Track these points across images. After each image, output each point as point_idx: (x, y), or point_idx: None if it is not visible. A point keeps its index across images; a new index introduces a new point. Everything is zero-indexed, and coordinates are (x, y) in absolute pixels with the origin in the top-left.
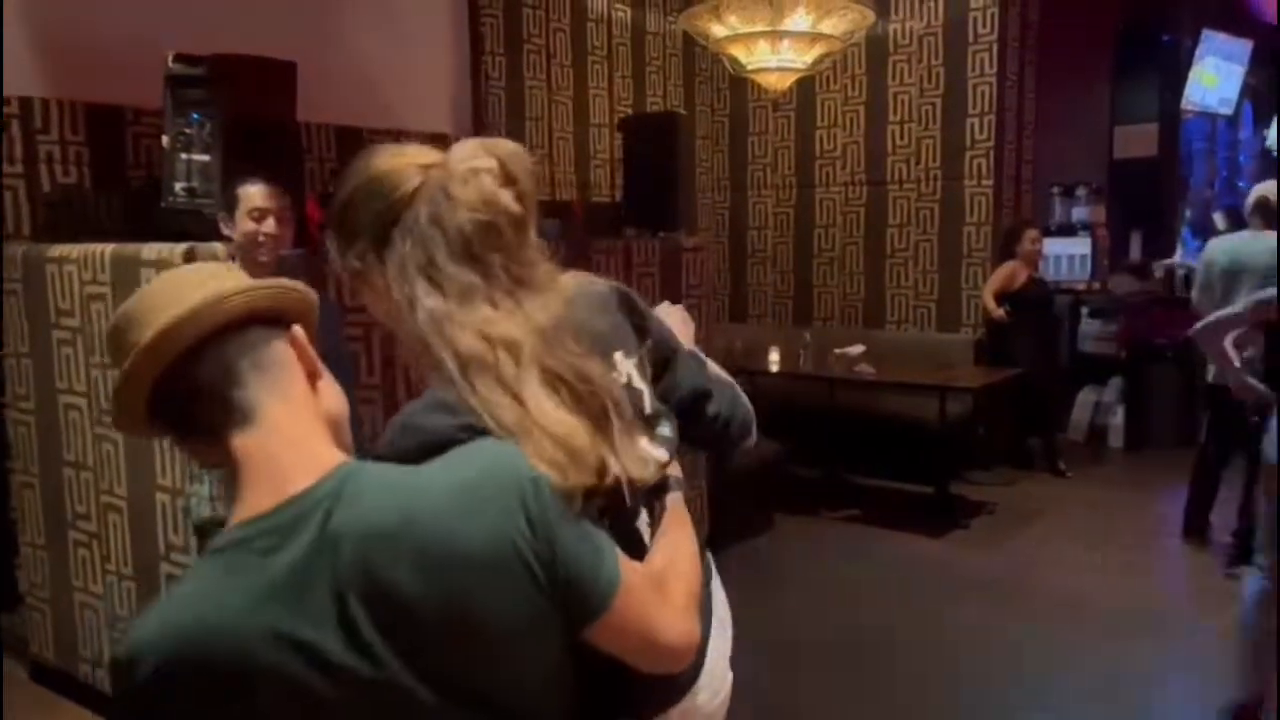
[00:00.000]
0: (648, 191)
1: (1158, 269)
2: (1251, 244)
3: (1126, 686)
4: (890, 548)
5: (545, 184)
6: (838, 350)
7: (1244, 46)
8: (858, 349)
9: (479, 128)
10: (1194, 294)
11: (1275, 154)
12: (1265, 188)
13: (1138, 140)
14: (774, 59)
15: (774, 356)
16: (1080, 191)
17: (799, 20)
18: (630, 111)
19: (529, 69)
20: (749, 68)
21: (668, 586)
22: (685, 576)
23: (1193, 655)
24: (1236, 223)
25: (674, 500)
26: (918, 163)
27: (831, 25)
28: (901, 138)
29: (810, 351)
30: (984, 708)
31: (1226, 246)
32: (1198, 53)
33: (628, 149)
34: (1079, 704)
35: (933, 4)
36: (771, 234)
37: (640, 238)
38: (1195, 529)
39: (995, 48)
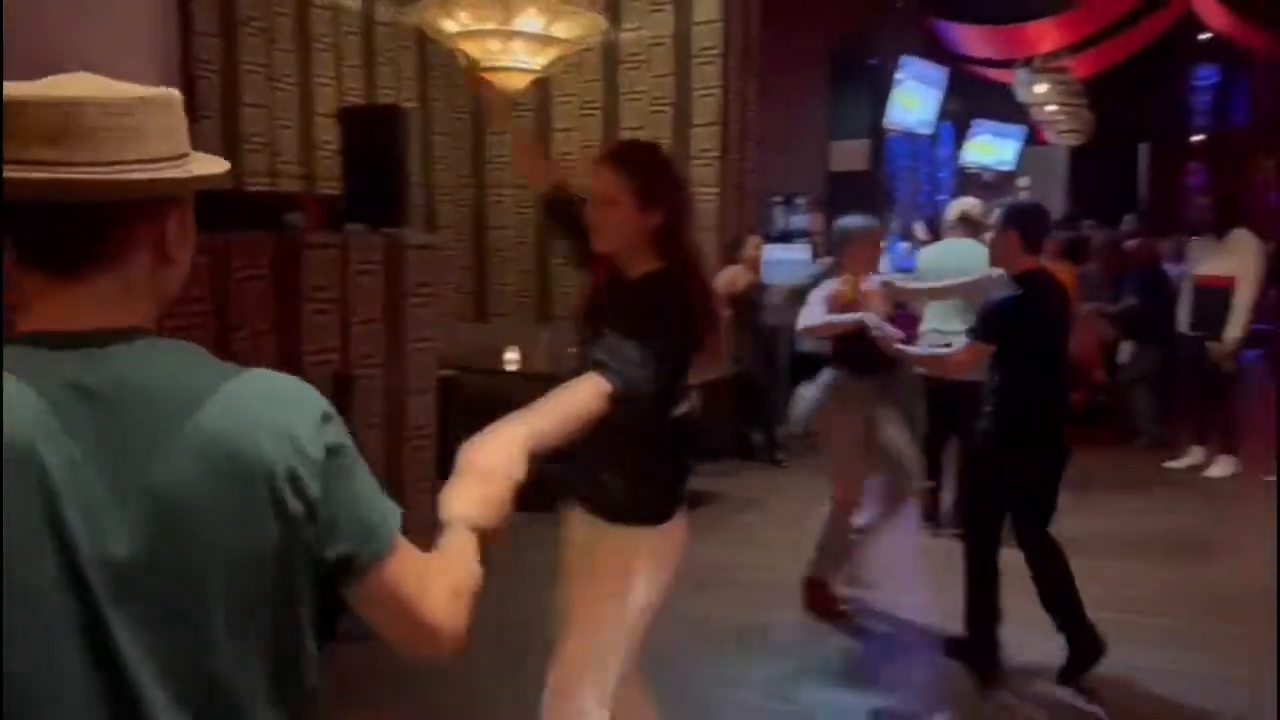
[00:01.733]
0: (369, 186)
1: None
2: (954, 249)
3: (824, 667)
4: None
5: (266, 174)
6: (572, 349)
7: (940, 73)
8: None
9: (190, 115)
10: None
11: (970, 171)
12: (965, 203)
13: (851, 155)
14: (507, 59)
15: (511, 355)
16: (800, 201)
17: (530, 22)
18: (363, 103)
19: (247, 53)
20: (482, 66)
21: (447, 575)
22: (464, 576)
23: (892, 632)
24: (936, 232)
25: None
26: None
27: (563, 29)
28: None
29: (547, 350)
30: (688, 688)
31: (930, 254)
32: (898, 77)
33: (348, 141)
34: (780, 684)
35: (661, 15)
36: (513, 233)
37: (362, 234)
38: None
39: (720, 62)
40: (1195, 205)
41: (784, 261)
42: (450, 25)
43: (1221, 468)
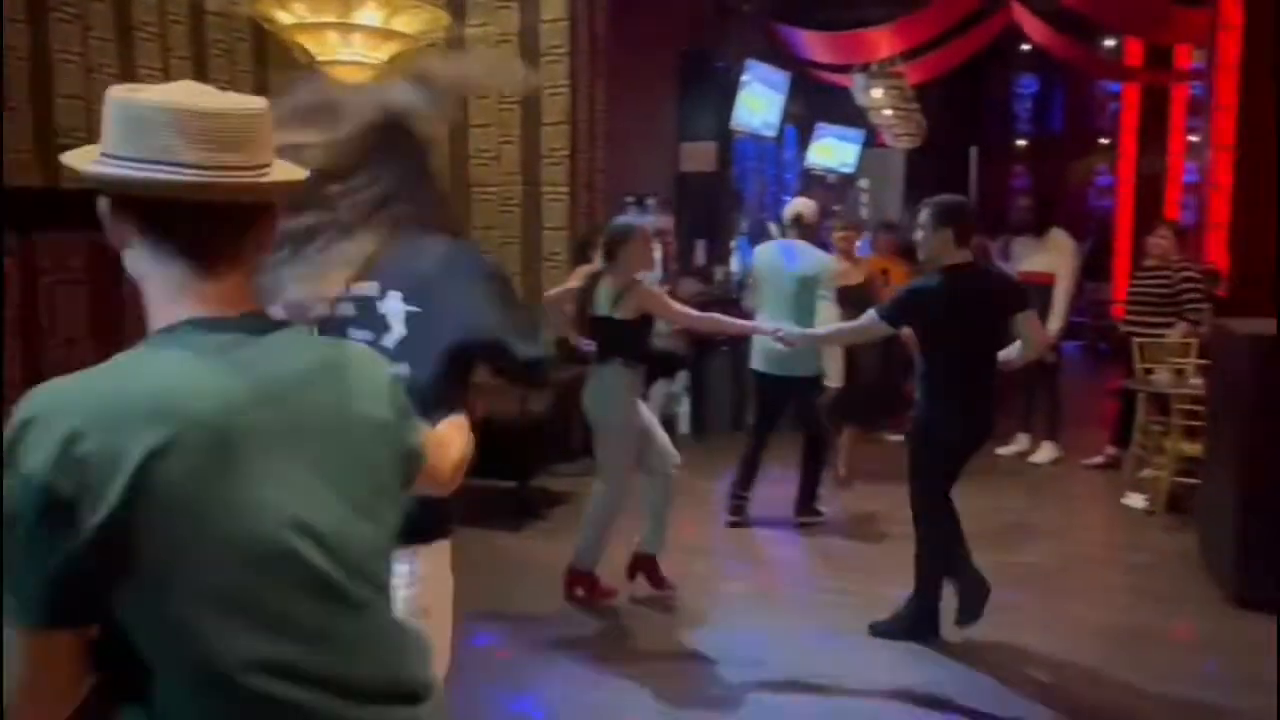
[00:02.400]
0: None
1: (718, 273)
2: (788, 249)
3: (686, 656)
4: (468, 544)
5: None
6: None
7: (784, 77)
8: None
9: None
10: (745, 295)
11: (814, 173)
12: (799, 204)
13: (700, 156)
14: (346, 52)
15: None
16: (651, 201)
17: (370, 15)
18: None
19: (59, 40)
20: (320, 59)
21: (448, 446)
22: (460, 445)
23: (749, 620)
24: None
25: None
26: (499, 167)
27: (404, 24)
28: (484, 141)
29: None
30: (551, 686)
31: (764, 253)
32: (744, 80)
33: None
34: (640, 678)
35: (507, 12)
36: None
37: None
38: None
39: (567, 60)
40: (1018, 206)
41: None
42: (285, 17)
43: (1045, 453)
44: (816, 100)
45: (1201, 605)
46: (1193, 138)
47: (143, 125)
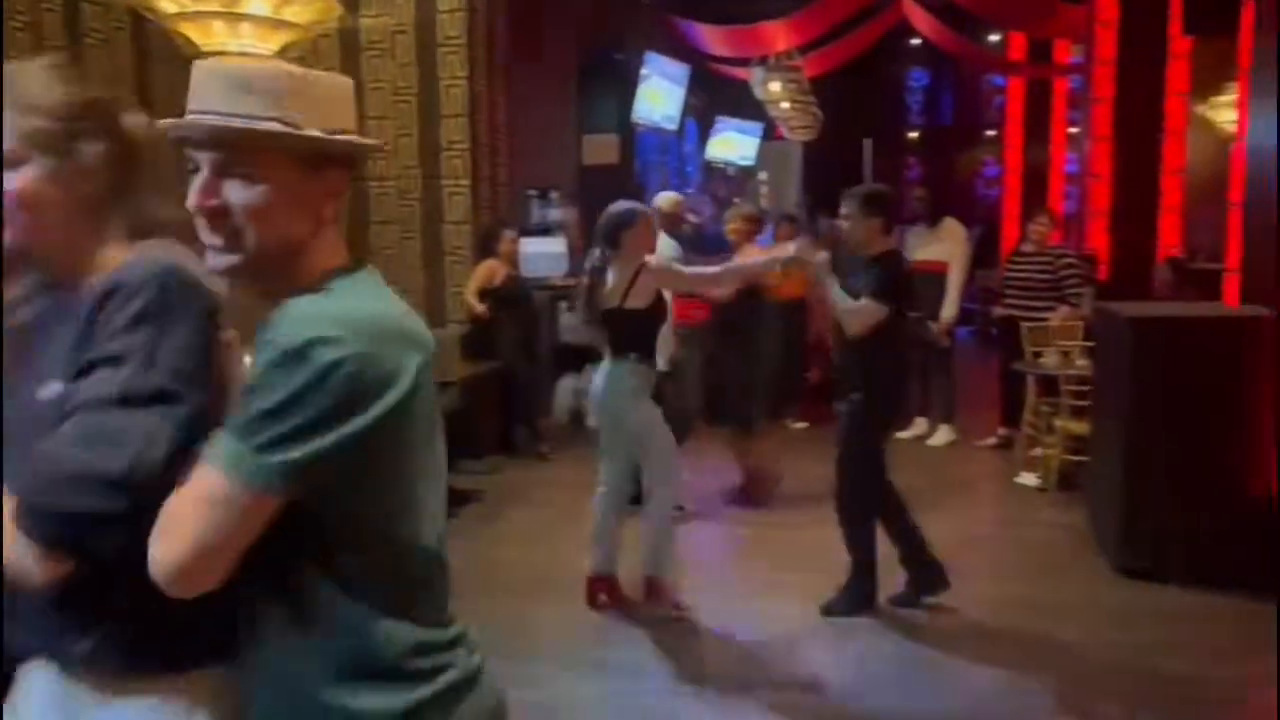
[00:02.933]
0: None
1: None
2: (669, 245)
3: (600, 651)
4: None
5: None
6: None
7: (683, 70)
8: None
9: None
10: None
11: (715, 165)
12: (659, 197)
13: (602, 149)
14: (234, 43)
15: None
16: (554, 194)
17: (258, 4)
18: None
19: None
20: (205, 50)
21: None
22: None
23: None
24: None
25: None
26: (397, 160)
27: (295, 13)
28: (380, 134)
29: None
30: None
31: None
32: (644, 73)
33: None
34: (559, 679)
35: (403, 2)
36: None
37: None
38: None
39: (465, 51)
40: (911, 196)
41: (541, 254)
42: (168, 6)
43: (942, 436)
44: (716, 93)
45: (1090, 576)
46: (1073, 129)
47: (333, 102)
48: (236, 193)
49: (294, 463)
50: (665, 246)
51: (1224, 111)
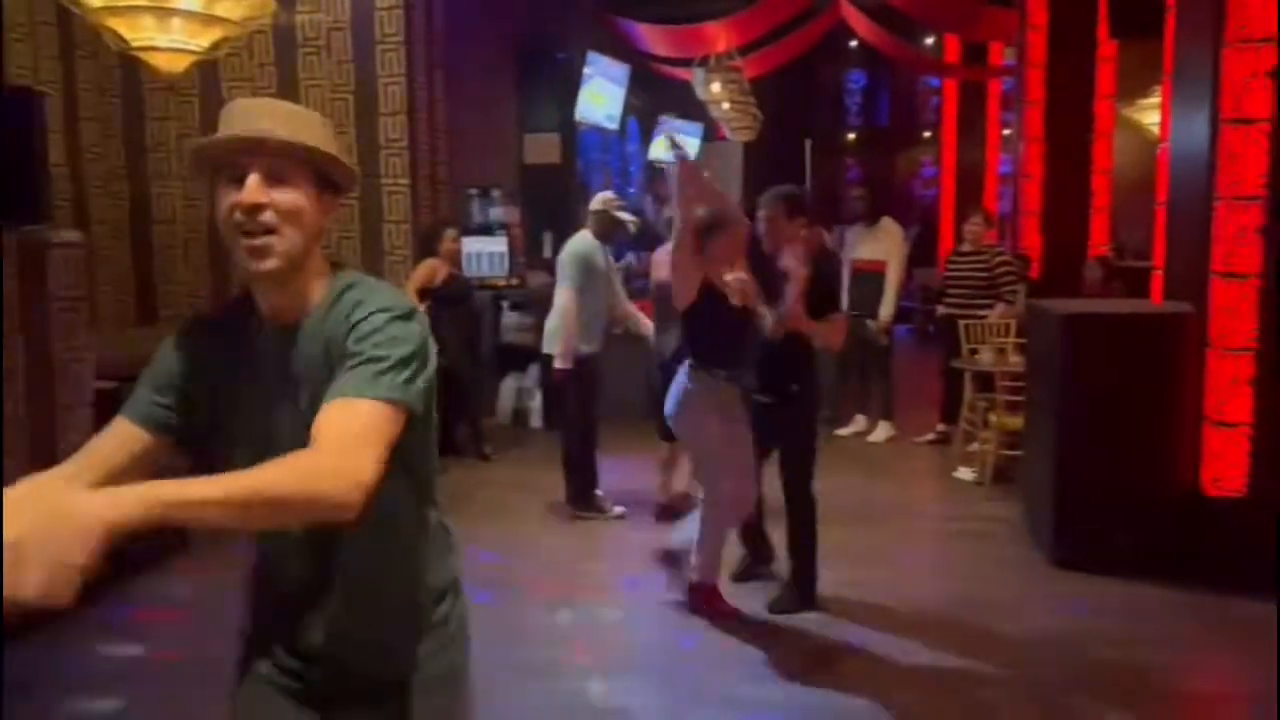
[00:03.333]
0: (1, 179)
1: None
2: (585, 243)
3: (551, 651)
4: None
5: None
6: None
7: (624, 70)
8: None
9: None
10: None
11: (658, 165)
12: (599, 199)
13: (544, 148)
14: (163, 39)
15: None
16: (495, 193)
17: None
18: None
19: None
20: (134, 45)
21: None
22: None
23: (601, 606)
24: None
25: None
26: None
27: (227, 9)
28: None
29: None
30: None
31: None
32: (586, 72)
33: None
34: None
35: None
36: (182, 228)
37: None
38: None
39: (403, 49)
40: (850, 196)
41: (483, 254)
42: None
43: (881, 433)
44: (658, 93)
45: (1025, 568)
46: (1007, 131)
47: (338, 141)
48: (282, 195)
49: (425, 389)
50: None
51: (1149, 114)
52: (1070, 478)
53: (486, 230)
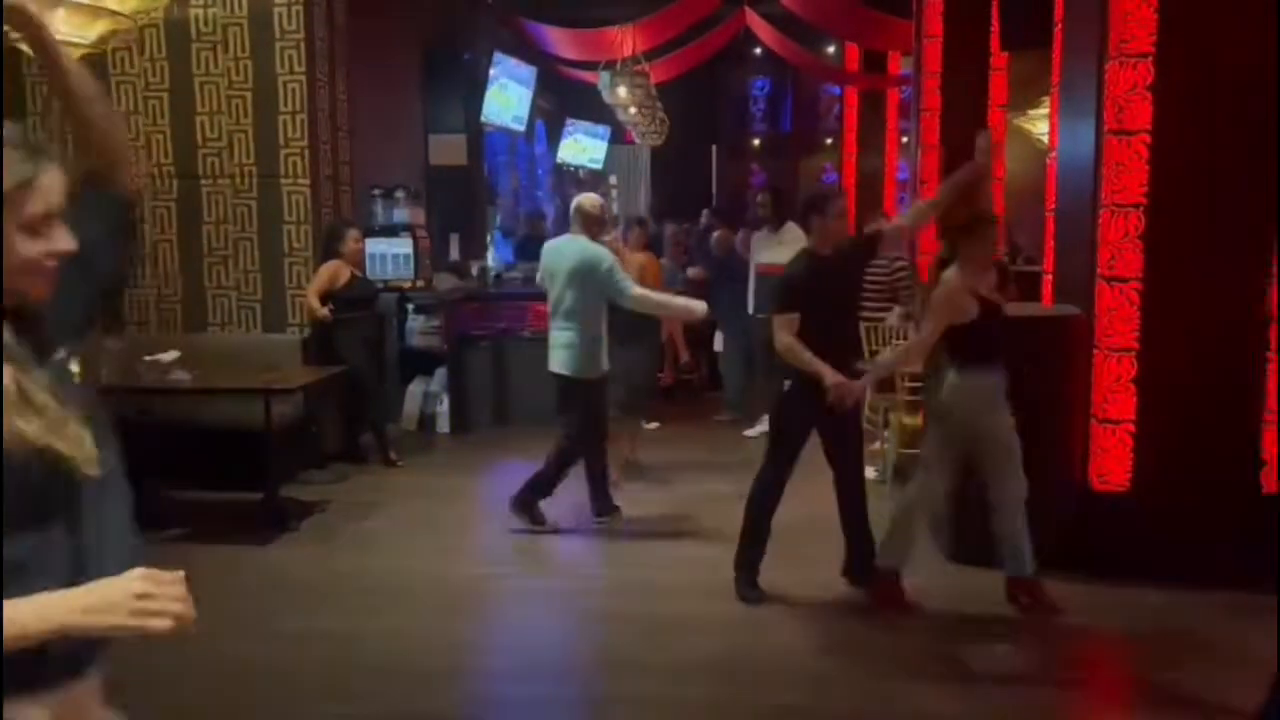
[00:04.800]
0: None
1: (474, 268)
2: (563, 246)
3: (459, 656)
4: (214, 561)
5: None
6: (148, 358)
7: (531, 72)
8: (171, 355)
9: None
10: None
11: (567, 168)
12: (579, 197)
13: (450, 149)
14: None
15: (71, 368)
16: (400, 194)
17: None
18: None
19: None
20: (14, 36)
21: None
22: None
23: (528, 612)
24: (533, 226)
25: None
26: (231, 157)
27: (117, 1)
28: (212, 130)
29: (115, 361)
30: (303, 703)
31: (546, 248)
32: (492, 74)
33: None
34: (419, 687)
35: None
36: None
37: None
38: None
39: (303, 46)
40: (755, 202)
41: (387, 255)
42: None
43: None
44: (565, 96)
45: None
46: (905, 138)
47: None
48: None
49: None
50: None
51: (1039, 124)
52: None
53: (391, 231)
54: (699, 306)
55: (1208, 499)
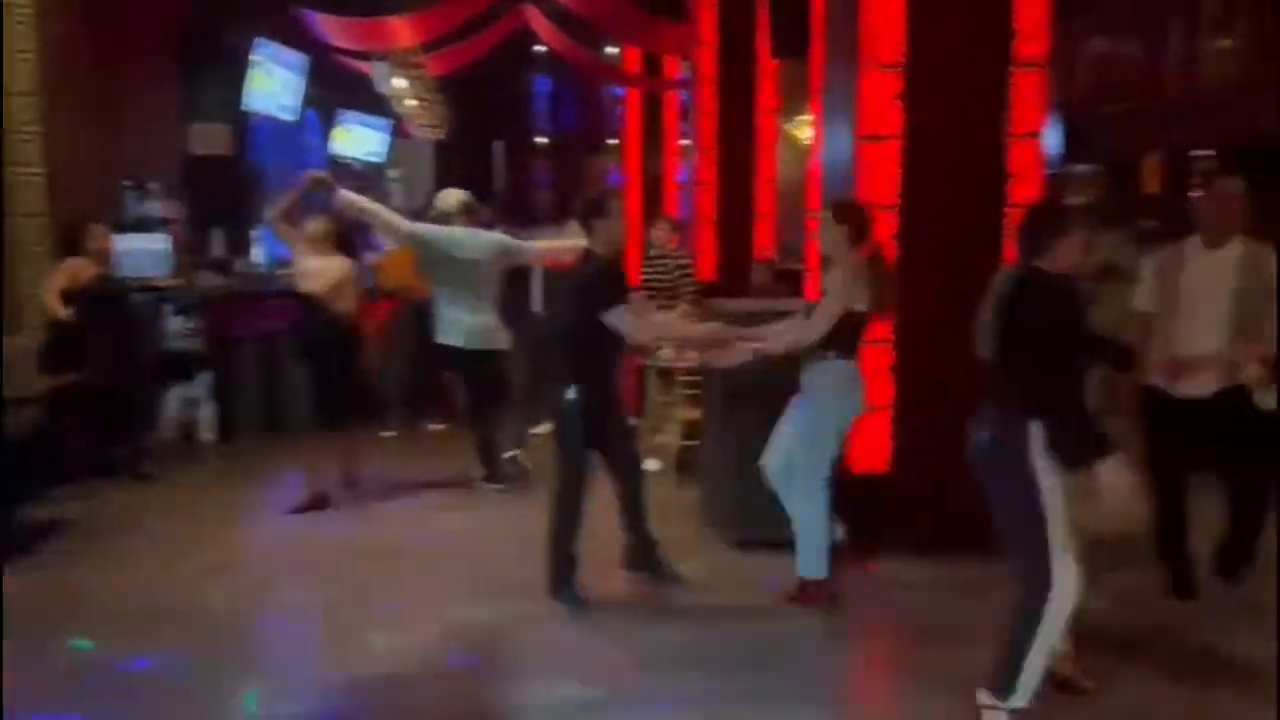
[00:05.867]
0: None
1: (239, 264)
2: (465, 237)
3: (217, 680)
4: None
5: None
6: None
7: (301, 58)
8: None
9: None
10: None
11: (342, 161)
12: (458, 194)
13: (211, 138)
14: None
15: None
16: (154, 186)
17: None
18: None
19: None
20: None
21: None
22: None
23: (295, 631)
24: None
25: None
26: None
27: None
28: None
29: None
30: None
31: (446, 241)
32: (253, 59)
33: None
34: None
35: None
36: None
37: None
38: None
39: (37, 22)
40: (540, 199)
41: (141, 252)
42: None
43: None
44: (339, 85)
45: (709, 550)
46: (685, 141)
47: None
48: None
49: None
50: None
51: (804, 129)
52: (744, 465)
53: (144, 226)
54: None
55: (960, 478)
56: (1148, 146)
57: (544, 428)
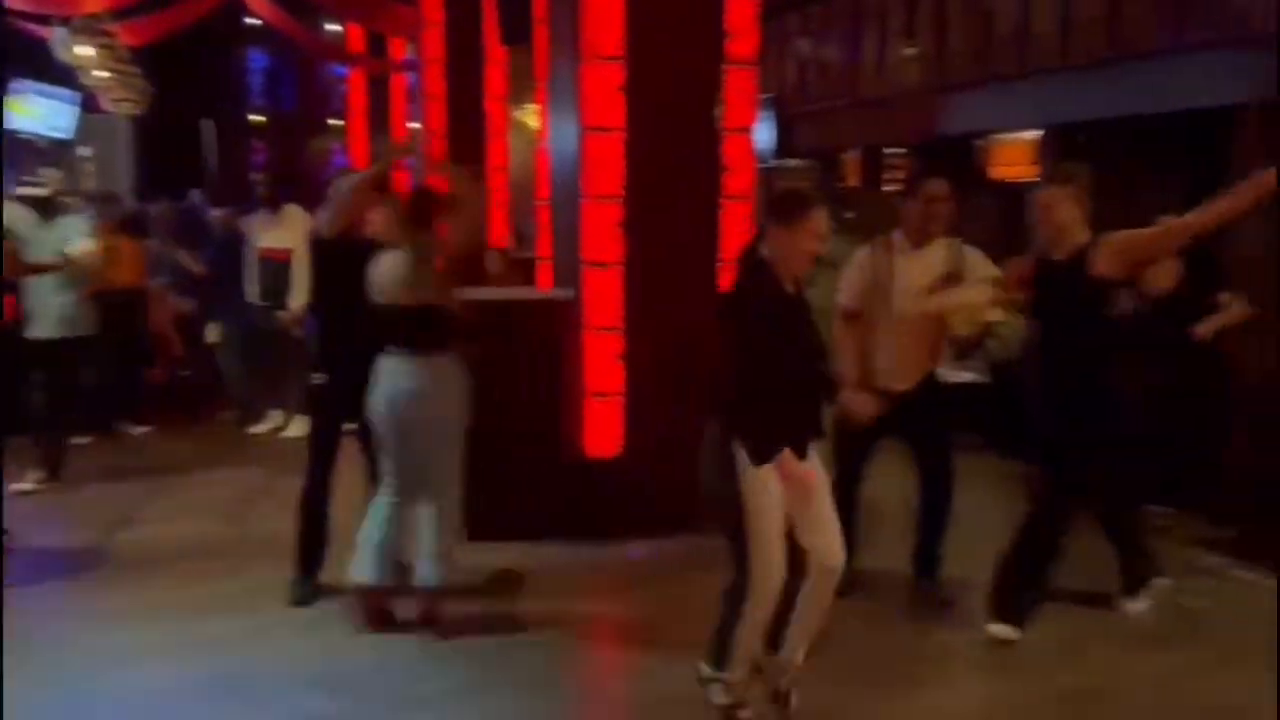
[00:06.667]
0: None
1: None
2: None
3: None
4: None
5: None
6: None
7: None
8: None
9: None
10: None
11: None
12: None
13: None
14: None
15: None
16: None
17: None
18: None
19: None
20: None
21: None
22: None
23: None
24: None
25: None
26: None
27: None
28: None
29: None
30: None
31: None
32: None
33: None
34: None
35: None
36: None
37: None
38: None
39: None
40: (255, 181)
41: None
42: None
43: (297, 428)
44: (15, 52)
45: None
46: (415, 123)
47: None
48: None
49: None
50: None
51: (533, 117)
52: (474, 454)
53: None
54: None
55: (688, 459)
56: (847, 143)
57: (270, 423)
